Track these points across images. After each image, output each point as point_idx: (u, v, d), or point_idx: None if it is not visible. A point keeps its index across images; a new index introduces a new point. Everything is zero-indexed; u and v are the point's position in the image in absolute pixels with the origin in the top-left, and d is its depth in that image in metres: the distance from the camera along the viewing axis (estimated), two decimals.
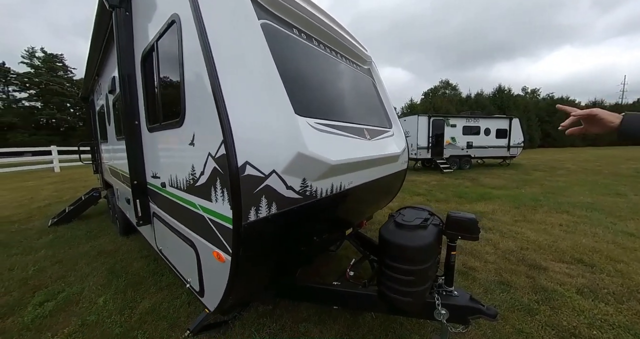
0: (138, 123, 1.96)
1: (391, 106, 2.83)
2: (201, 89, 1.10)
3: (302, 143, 1.18)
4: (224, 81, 1.02)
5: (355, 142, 1.72)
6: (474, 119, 12.59)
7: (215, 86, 1.01)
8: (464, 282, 2.72)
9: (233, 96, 1.03)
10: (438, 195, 7.00)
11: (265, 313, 2.19)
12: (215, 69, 1.02)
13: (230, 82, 1.04)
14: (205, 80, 1.05)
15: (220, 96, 1.00)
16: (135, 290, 2.61)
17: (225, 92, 1.01)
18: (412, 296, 1.46)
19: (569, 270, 3.00)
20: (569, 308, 2.32)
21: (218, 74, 1.02)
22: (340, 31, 2.19)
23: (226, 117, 0.99)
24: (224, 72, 1.03)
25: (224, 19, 1.13)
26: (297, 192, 1.24)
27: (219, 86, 1.01)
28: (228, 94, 1.02)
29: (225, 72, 1.04)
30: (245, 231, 1.03)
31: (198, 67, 1.10)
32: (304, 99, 1.45)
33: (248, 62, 1.12)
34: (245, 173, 1.02)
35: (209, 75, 1.03)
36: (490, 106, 33.27)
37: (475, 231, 1.50)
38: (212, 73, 1.02)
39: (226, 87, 1.02)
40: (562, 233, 4.15)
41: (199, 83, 1.12)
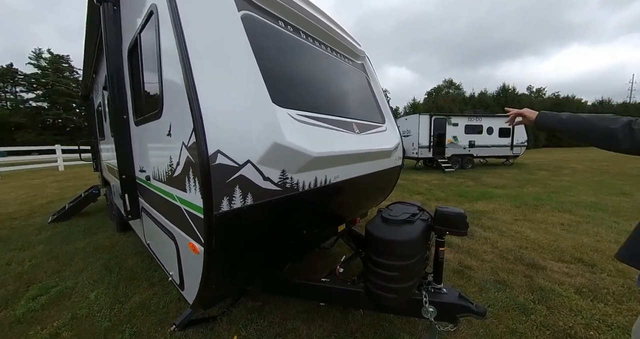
0: (127, 117, 1.96)
1: (385, 101, 2.79)
2: (175, 79, 1.09)
3: (279, 133, 1.16)
4: (196, 70, 1.00)
5: (342, 135, 1.69)
6: (476, 117, 12.44)
7: (187, 74, 0.99)
8: (458, 281, 2.67)
9: (206, 85, 1.01)
10: (438, 194, 6.93)
11: (255, 309, 2.17)
12: (187, 57, 1.00)
13: (204, 71, 1.02)
14: (178, 70, 1.04)
15: (192, 84, 0.98)
16: (128, 285, 2.61)
17: (198, 80, 0.99)
18: (397, 292, 1.42)
19: (568, 269, 2.93)
20: (566, 308, 2.26)
21: (191, 62, 1.00)
22: (331, 25, 2.16)
23: (197, 105, 0.97)
24: (197, 60, 1.02)
25: (200, 8, 1.11)
26: (276, 184, 1.22)
27: (191, 75, 0.99)
28: (201, 83, 1.00)
29: (198, 60, 1.02)
30: (218, 221, 1.02)
31: (173, 57, 1.08)
32: (286, 90, 1.43)
33: (224, 52, 1.11)
34: (217, 162, 1.00)
35: (182, 64, 1.01)
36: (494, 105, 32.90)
37: (463, 226, 1.46)
38: (184, 62, 1.00)
39: (199, 76, 1.00)
40: (563, 232, 4.06)
41: (173, 73, 1.11)
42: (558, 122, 1.11)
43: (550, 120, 1.14)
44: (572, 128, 1.06)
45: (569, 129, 1.07)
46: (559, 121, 1.10)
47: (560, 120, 1.10)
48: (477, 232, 4.07)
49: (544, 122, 1.16)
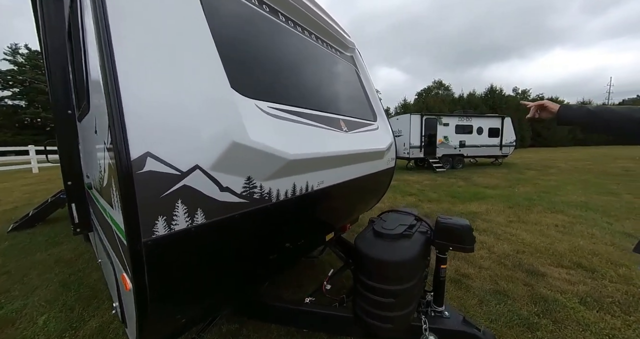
0: (72, 112, 1.64)
1: (377, 97, 2.56)
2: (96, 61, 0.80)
3: (240, 130, 0.89)
4: (119, 47, 0.72)
5: (327, 133, 1.43)
6: (466, 118, 12.47)
7: (106, 51, 0.70)
8: (456, 292, 2.47)
9: (132, 67, 0.73)
10: (431, 195, 6.79)
11: (230, 332, 1.89)
12: (108, 31, 0.71)
13: (132, 52, 0.74)
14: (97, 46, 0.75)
15: (110, 65, 0.70)
16: (86, 306, 2.28)
17: (121, 61, 0.71)
18: (393, 322, 1.18)
19: (569, 276, 2.78)
20: (573, 321, 2.09)
21: (112, 39, 0.71)
22: (317, 11, 1.91)
23: (115, 92, 0.69)
24: (121, 37, 0.73)
25: None
26: (240, 195, 0.95)
27: (111, 53, 0.71)
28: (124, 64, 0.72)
29: (123, 37, 0.73)
30: (150, 249, 0.74)
31: (92, 29, 0.79)
32: (255, 78, 1.17)
33: (163, 28, 0.83)
34: (146, 169, 0.72)
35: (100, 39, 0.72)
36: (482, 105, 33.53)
37: (469, 241, 1.23)
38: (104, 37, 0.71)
39: (122, 55, 0.72)
40: (558, 235, 3.96)
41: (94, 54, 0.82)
42: (586, 114, 0.99)
43: (576, 113, 1.02)
44: (603, 121, 0.95)
45: (599, 122, 0.96)
46: (587, 113, 0.99)
47: (588, 112, 0.99)
48: None
49: (567, 116, 1.05)
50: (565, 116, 1.05)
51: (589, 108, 0.99)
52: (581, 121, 1.00)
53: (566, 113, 1.05)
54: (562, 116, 1.05)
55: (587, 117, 0.98)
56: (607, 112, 0.94)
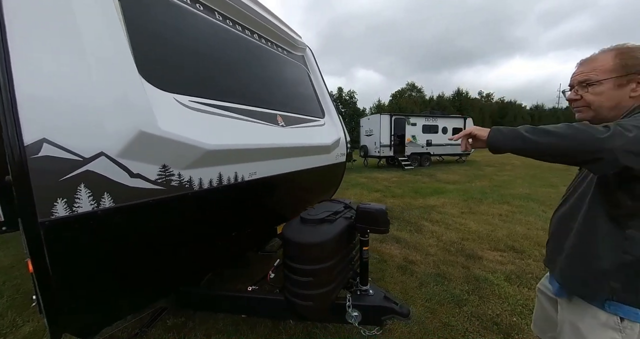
0: None
1: (327, 95, 2.70)
2: None
3: (149, 120, 0.94)
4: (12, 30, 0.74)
5: (258, 127, 1.52)
6: (432, 118, 13.24)
7: None
8: (401, 277, 2.68)
9: (27, 50, 0.76)
10: (396, 191, 7.14)
11: (175, 326, 1.91)
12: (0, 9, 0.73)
13: (25, 34, 0.77)
14: None
15: (2, 51, 0.72)
16: (20, 312, 2.15)
17: (14, 45, 0.74)
18: (314, 299, 1.30)
19: (502, 258, 3.12)
20: (496, 295, 2.36)
21: (4, 20, 0.74)
22: (263, 13, 1.98)
23: (7, 76, 0.71)
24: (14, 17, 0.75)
25: None
26: (153, 181, 1.00)
27: (4, 37, 0.73)
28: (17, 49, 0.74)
29: (16, 18, 0.76)
30: (49, 229, 0.78)
31: None
32: (178, 73, 1.22)
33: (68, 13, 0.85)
34: (41, 154, 0.76)
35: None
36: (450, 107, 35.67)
37: (384, 223, 1.38)
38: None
39: (15, 39, 0.74)
40: (500, 222, 4.39)
41: None
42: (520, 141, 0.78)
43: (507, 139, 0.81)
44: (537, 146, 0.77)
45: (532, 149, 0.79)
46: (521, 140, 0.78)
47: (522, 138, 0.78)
48: (426, 226, 4.21)
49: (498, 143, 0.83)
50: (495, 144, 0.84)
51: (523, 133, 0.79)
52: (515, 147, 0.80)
53: (496, 140, 0.83)
54: (492, 145, 0.84)
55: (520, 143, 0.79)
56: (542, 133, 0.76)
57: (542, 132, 0.77)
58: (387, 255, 3.18)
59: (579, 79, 0.89)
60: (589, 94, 0.87)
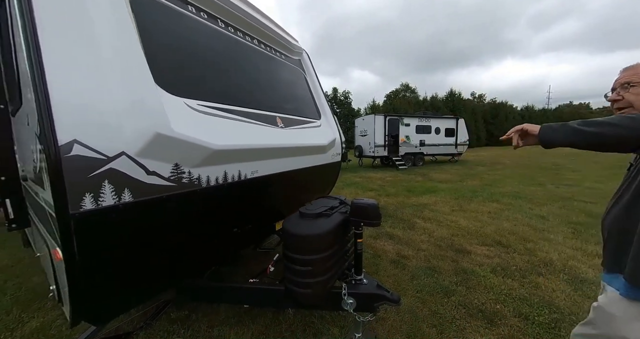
0: (4, 107, 1.63)
1: (323, 98, 2.82)
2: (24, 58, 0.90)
3: (164, 123, 1.05)
4: (46, 46, 0.84)
5: (259, 129, 1.63)
6: (425, 118, 13.50)
7: (31, 46, 0.82)
8: (394, 270, 2.81)
9: (58, 65, 0.86)
10: (389, 190, 7.31)
11: (179, 318, 2.00)
12: (32, 23, 0.83)
13: (57, 50, 0.86)
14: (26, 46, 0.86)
15: (38, 63, 0.82)
16: (25, 308, 2.21)
17: (48, 59, 0.84)
18: (312, 287, 1.41)
19: (489, 252, 3.30)
20: (482, 286, 2.52)
21: (39, 38, 0.83)
22: (262, 19, 2.09)
23: (42, 86, 0.81)
24: (48, 36, 0.85)
25: None
26: (167, 178, 1.11)
27: (38, 52, 0.83)
28: (51, 62, 0.84)
29: (49, 36, 0.86)
30: (78, 221, 0.88)
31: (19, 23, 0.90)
32: (187, 79, 1.32)
33: (90, 27, 0.95)
34: (73, 153, 0.86)
35: (25, 31, 0.83)
36: (444, 108, 36.23)
37: (376, 217, 1.51)
38: (31, 36, 0.83)
39: (49, 54, 0.84)
40: (489, 219, 4.58)
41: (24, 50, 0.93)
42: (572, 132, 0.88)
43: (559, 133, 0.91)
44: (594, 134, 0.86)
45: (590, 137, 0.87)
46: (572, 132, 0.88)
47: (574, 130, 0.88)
48: (418, 223, 4.37)
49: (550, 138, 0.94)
50: (547, 139, 0.93)
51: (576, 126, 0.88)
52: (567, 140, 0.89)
53: (548, 135, 0.93)
54: (545, 139, 0.94)
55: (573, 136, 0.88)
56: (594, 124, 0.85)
57: (597, 123, 0.86)
58: (381, 251, 3.32)
59: (621, 81, 1.00)
60: (630, 93, 0.97)
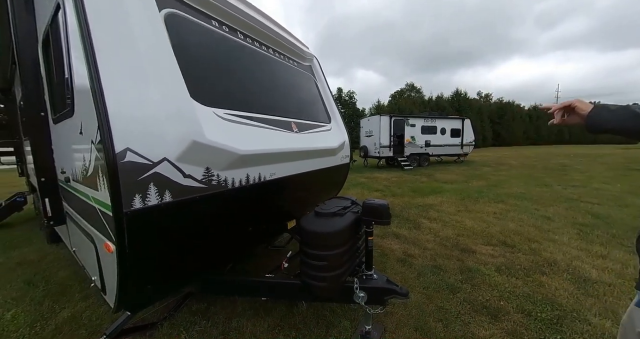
0: (45, 115, 1.79)
1: (332, 102, 2.93)
2: (83, 75, 1.05)
3: (198, 132, 1.18)
4: (102, 64, 0.98)
5: (276, 134, 1.75)
6: (431, 119, 13.50)
7: (92, 71, 0.97)
8: (401, 268, 2.91)
9: (114, 82, 1.00)
10: (395, 190, 7.38)
11: (199, 311, 2.14)
12: (93, 53, 0.97)
13: (112, 68, 1.01)
14: (84, 64, 1.01)
15: (97, 81, 0.96)
16: (55, 300, 2.37)
17: (104, 77, 0.98)
18: (327, 280, 1.53)
19: (493, 251, 3.37)
20: (486, 284, 2.60)
21: (97, 59, 0.98)
22: (276, 29, 2.22)
23: (102, 102, 0.95)
24: (104, 57, 1.00)
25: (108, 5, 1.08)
26: (200, 181, 1.24)
27: (97, 71, 0.97)
28: (108, 80, 0.98)
29: (106, 57, 1.00)
30: (129, 218, 1.01)
31: (79, 50, 1.04)
32: (214, 90, 1.45)
33: (136, 48, 1.09)
34: (126, 159, 0.99)
35: (87, 60, 0.98)
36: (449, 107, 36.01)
37: (386, 216, 1.62)
38: (90, 58, 0.98)
39: (106, 73, 0.98)
40: (494, 220, 4.64)
41: (81, 69, 1.07)
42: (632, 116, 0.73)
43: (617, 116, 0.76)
44: None
45: None
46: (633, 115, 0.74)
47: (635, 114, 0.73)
48: (424, 223, 4.45)
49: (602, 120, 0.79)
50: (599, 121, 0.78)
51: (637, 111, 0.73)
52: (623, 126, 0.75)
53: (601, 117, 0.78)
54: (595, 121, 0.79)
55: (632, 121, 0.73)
56: None
57: None
58: (388, 249, 3.42)
59: None
60: None
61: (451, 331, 1.95)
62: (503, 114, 43.79)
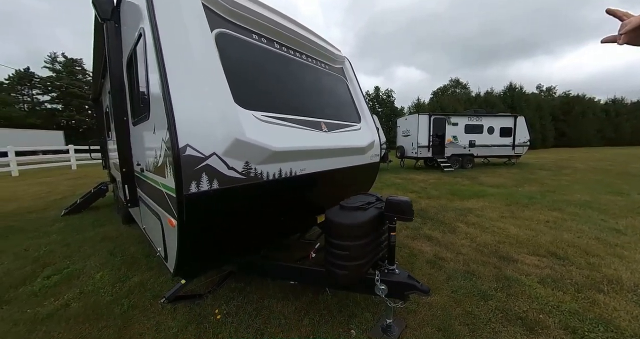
0: (126, 119, 2.25)
1: (363, 102, 3.01)
2: (157, 88, 1.35)
3: (240, 131, 1.41)
4: (171, 80, 1.26)
5: (306, 133, 1.93)
6: (476, 117, 12.44)
7: (164, 84, 1.26)
8: (430, 270, 2.86)
9: (178, 92, 1.27)
10: (432, 192, 7.06)
11: (237, 288, 2.44)
12: (164, 70, 1.26)
13: (177, 81, 1.29)
14: (159, 80, 1.30)
15: (167, 92, 1.24)
16: (129, 268, 2.92)
17: (172, 89, 1.26)
18: (348, 269, 1.65)
19: (539, 262, 3.07)
20: (525, 295, 2.42)
21: (167, 74, 1.26)
22: (308, 35, 2.41)
23: (170, 109, 1.23)
24: (172, 73, 1.28)
25: (176, 30, 1.37)
26: (240, 172, 1.47)
27: (167, 84, 1.25)
28: (174, 91, 1.26)
29: (173, 73, 1.28)
30: (187, 200, 1.28)
31: (155, 69, 1.35)
32: (253, 95, 1.69)
33: (195, 65, 1.37)
34: (186, 153, 1.26)
35: (160, 76, 1.28)
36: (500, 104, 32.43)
37: (409, 213, 1.67)
38: (162, 74, 1.27)
39: (173, 85, 1.26)
40: (545, 229, 4.17)
41: (156, 82, 1.37)
42: None
43: None
44: None
45: None
46: None
47: None
48: (460, 227, 4.23)
49: None
50: None
51: None
52: None
53: None
54: None
55: None
56: None
57: None
58: (418, 250, 3.36)
59: None
60: None
61: (477, 336, 1.90)
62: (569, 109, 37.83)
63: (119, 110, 2.18)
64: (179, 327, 1.96)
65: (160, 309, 2.16)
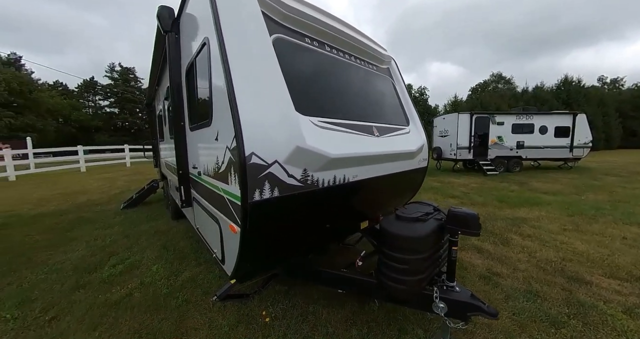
0: (183, 124, 2.39)
1: (410, 103, 2.85)
2: (222, 96, 1.39)
3: (301, 138, 1.39)
4: (237, 89, 1.28)
5: (359, 138, 1.86)
6: (526, 116, 11.23)
7: (230, 93, 1.28)
8: (484, 286, 2.61)
9: (244, 101, 1.29)
10: (475, 198, 6.52)
11: (281, 291, 2.46)
12: (231, 79, 1.29)
13: (242, 90, 1.30)
14: (225, 89, 1.33)
15: (234, 101, 1.26)
16: (180, 263, 3.12)
17: (238, 98, 1.27)
18: (406, 284, 1.54)
19: (621, 287, 2.64)
20: (608, 326, 2.08)
21: (233, 83, 1.29)
22: (356, 36, 2.33)
23: (237, 118, 1.25)
24: (238, 81, 1.30)
25: (240, 39, 1.40)
26: (298, 180, 1.45)
27: (234, 93, 1.27)
28: (240, 100, 1.28)
29: (239, 81, 1.30)
30: (251, 208, 1.28)
31: (220, 78, 1.38)
32: (309, 101, 1.66)
33: (258, 73, 1.37)
34: (251, 161, 1.27)
35: (227, 84, 1.30)
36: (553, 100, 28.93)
37: (475, 227, 1.51)
38: (229, 83, 1.29)
39: (239, 94, 1.28)
40: (623, 247, 3.59)
41: (221, 91, 1.41)
42: None
43: None
44: None
45: None
46: None
47: None
48: (514, 239, 3.82)
49: None
50: None
51: None
52: None
53: None
54: None
55: None
56: None
57: None
58: (468, 263, 3.10)
59: None
60: None
61: None
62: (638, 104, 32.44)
63: (177, 115, 2.32)
64: (229, 326, 2.03)
65: (211, 306, 2.26)
